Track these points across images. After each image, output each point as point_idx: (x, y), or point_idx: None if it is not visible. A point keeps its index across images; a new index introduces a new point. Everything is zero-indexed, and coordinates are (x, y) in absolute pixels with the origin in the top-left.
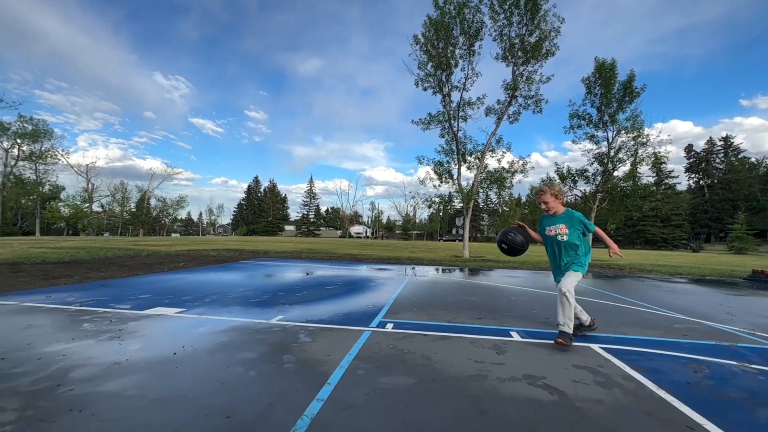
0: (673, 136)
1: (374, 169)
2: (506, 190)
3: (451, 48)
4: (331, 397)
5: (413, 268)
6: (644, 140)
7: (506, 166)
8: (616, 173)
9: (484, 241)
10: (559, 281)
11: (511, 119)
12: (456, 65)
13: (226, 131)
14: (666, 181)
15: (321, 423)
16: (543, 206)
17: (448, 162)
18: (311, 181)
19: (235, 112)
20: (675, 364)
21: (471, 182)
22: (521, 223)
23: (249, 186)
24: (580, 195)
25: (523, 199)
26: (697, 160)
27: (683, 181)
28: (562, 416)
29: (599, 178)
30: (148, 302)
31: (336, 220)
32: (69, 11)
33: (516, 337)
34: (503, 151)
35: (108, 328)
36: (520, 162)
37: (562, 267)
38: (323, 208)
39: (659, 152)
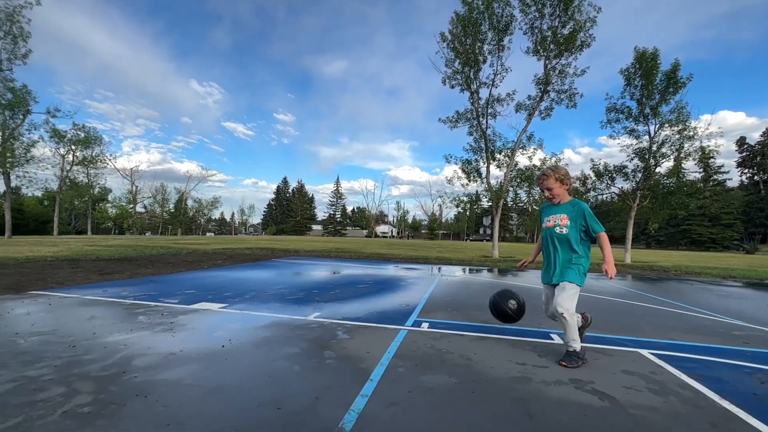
0: (723, 128)
1: (399, 168)
2: (537, 188)
3: (479, 44)
4: (375, 394)
5: (439, 269)
6: (690, 133)
7: (537, 163)
8: (658, 169)
9: (513, 241)
10: (546, 282)
11: (542, 115)
12: (484, 61)
13: (256, 134)
14: (715, 177)
15: (368, 418)
16: (546, 194)
17: (476, 160)
18: (337, 182)
19: (265, 115)
20: (738, 373)
21: (500, 181)
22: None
23: (278, 187)
24: (617, 193)
25: None
26: (751, 154)
27: (734, 177)
28: (615, 422)
29: (639, 175)
30: (193, 297)
31: (362, 219)
32: (115, 26)
33: (557, 340)
34: (534, 148)
35: (160, 320)
36: (553, 159)
37: (556, 267)
38: (349, 208)
39: (707, 146)
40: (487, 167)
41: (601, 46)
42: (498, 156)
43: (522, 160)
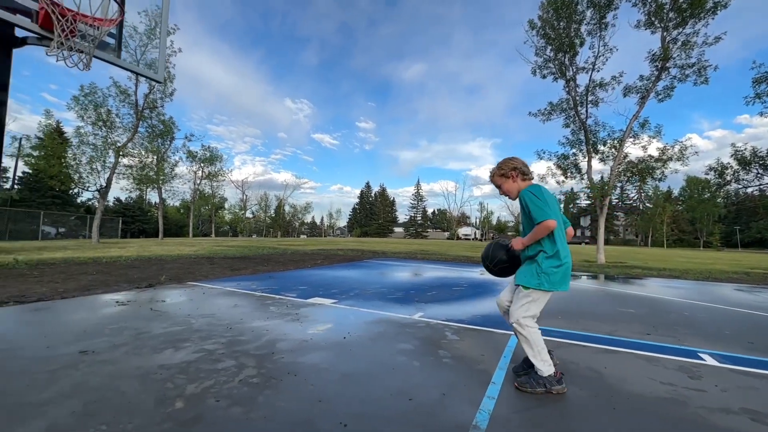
0: None
1: (481, 168)
2: (653, 182)
3: (574, 25)
4: (502, 397)
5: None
6: None
7: (655, 153)
8: None
9: (620, 244)
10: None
11: (660, 96)
12: (582, 44)
13: (341, 143)
14: None
15: (502, 419)
16: (501, 193)
17: (574, 154)
18: (418, 184)
19: (348, 124)
20: None
21: (605, 175)
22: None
23: (361, 191)
24: None
25: (675, 192)
26: None
27: None
28: None
29: None
30: (307, 293)
31: (443, 221)
32: (227, 60)
33: (710, 361)
34: (650, 136)
35: (287, 311)
36: (676, 147)
37: (521, 268)
38: (430, 210)
39: None
40: (588, 161)
41: (739, 4)
42: (602, 148)
43: (634, 150)
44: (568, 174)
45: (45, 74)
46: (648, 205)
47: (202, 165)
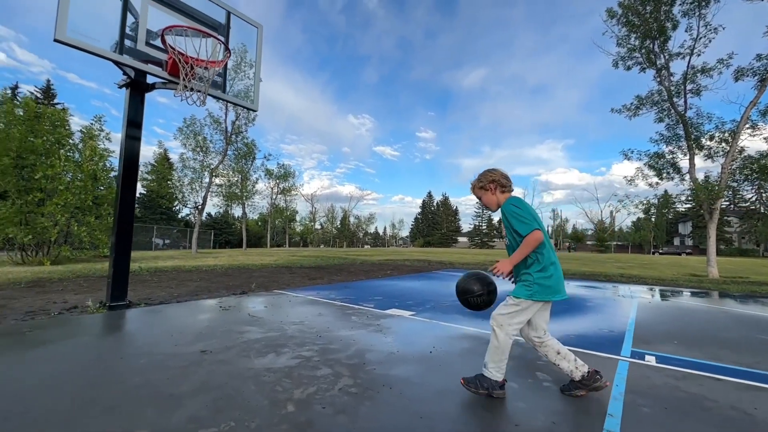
0: None
1: (551, 172)
2: None
3: (665, 8)
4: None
5: (630, 289)
6: None
7: None
8: None
9: (734, 255)
10: None
11: None
12: (674, 27)
13: (401, 154)
14: None
15: None
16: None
17: (672, 152)
18: None
19: (408, 135)
20: None
21: (714, 174)
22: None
23: (423, 201)
24: None
25: None
26: None
27: None
28: None
29: None
30: (384, 303)
31: None
32: (297, 85)
33: None
34: None
35: (369, 322)
36: None
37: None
38: (495, 219)
39: None
40: (690, 159)
41: None
42: (707, 143)
43: (753, 143)
44: (664, 175)
45: (154, 110)
46: None
47: (277, 181)
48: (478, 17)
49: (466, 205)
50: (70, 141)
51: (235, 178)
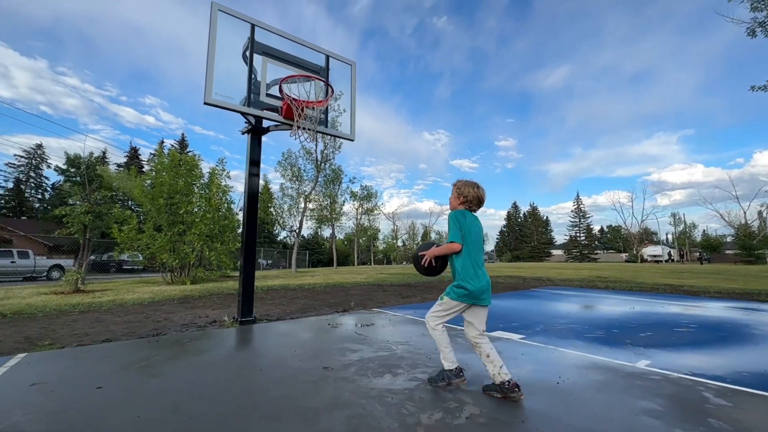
0: None
1: (665, 170)
2: None
3: None
4: None
5: None
6: None
7: None
8: None
9: None
10: None
11: None
12: None
13: (480, 165)
14: None
15: None
16: None
17: None
18: (577, 198)
19: (486, 145)
20: None
21: None
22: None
23: (508, 212)
24: None
25: None
26: None
27: None
28: None
29: None
30: (487, 325)
31: (617, 240)
32: (374, 110)
33: None
34: None
35: None
36: None
37: None
38: (595, 228)
39: None
40: None
41: None
42: None
43: None
44: None
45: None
46: None
47: (361, 202)
48: (556, 12)
49: (558, 214)
50: (202, 181)
51: (325, 202)
